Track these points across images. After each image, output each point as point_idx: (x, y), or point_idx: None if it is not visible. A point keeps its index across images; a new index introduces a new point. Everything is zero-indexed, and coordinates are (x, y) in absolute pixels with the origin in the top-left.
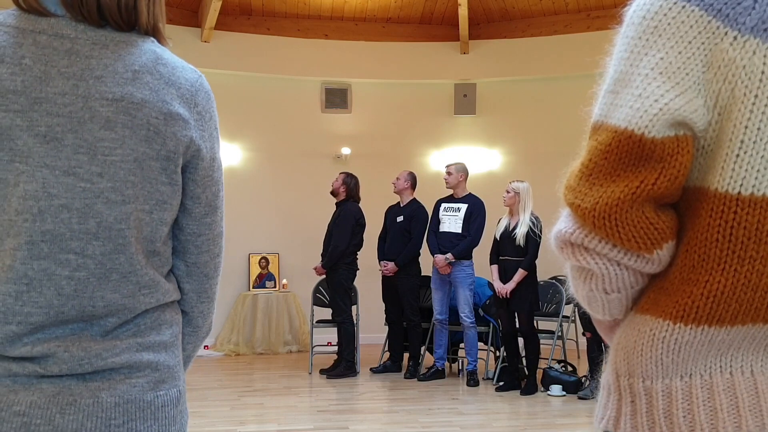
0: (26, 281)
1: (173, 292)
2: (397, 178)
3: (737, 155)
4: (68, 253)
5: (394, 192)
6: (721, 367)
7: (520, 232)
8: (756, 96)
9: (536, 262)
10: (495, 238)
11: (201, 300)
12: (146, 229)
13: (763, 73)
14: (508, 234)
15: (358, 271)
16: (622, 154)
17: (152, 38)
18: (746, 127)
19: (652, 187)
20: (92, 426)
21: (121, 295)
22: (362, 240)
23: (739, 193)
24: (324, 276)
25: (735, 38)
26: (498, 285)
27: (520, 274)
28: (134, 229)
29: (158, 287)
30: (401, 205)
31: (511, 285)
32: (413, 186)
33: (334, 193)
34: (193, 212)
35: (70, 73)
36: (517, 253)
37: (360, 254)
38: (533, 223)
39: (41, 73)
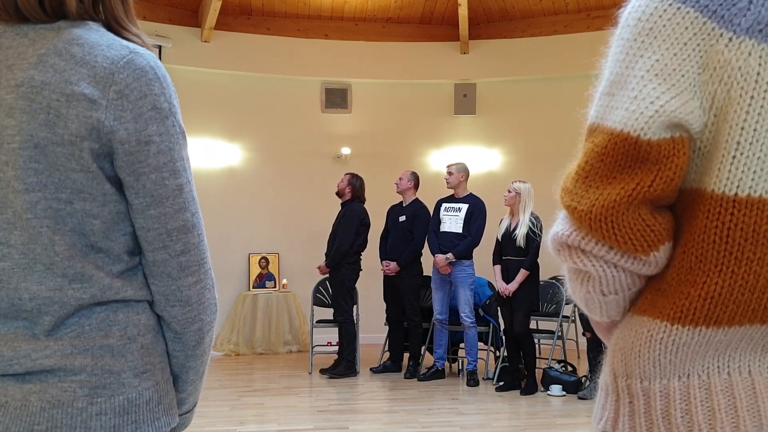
0: None
1: (125, 290)
2: (400, 178)
3: (733, 156)
4: None
5: (397, 192)
6: (718, 367)
7: (520, 233)
8: (752, 97)
9: (539, 261)
10: (497, 239)
11: (170, 303)
12: (71, 221)
13: (758, 74)
14: (509, 234)
15: (360, 272)
16: (618, 156)
17: (90, 23)
18: (742, 129)
19: (648, 189)
20: (17, 430)
21: (47, 287)
22: (366, 240)
23: (736, 194)
24: (326, 275)
25: (730, 40)
26: (501, 285)
27: (522, 274)
28: (46, 218)
29: (92, 282)
30: (404, 205)
31: (513, 285)
32: (416, 186)
33: (339, 194)
34: (134, 204)
35: None
36: (518, 253)
37: (362, 254)
38: (533, 223)
39: None
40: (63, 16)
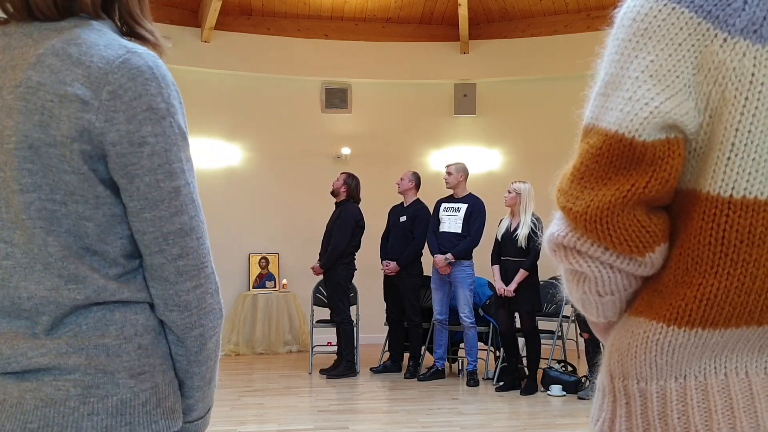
0: None
1: (120, 292)
2: (401, 179)
3: (728, 158)
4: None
5: (398, 192)
6: (715, 368)
7: (522, 233)
8: (746, 98)
9: (538, 262)
10: (496, 239)
11: (169, 308)
12: (66, 222)
13: (753, 75)
14: (509, 235)
15: (356, 272)
16: (613, 157)
17: (94, 22)
18: (737, 130)
19: (643, 190)
20: (11, 428)
21: (44, 287)
22: (360, 241)
23: (731, 195)
24: (322, 276)
25: (725, 40)
26: (499, 285)
27: (521, 274)
28: (39, 219)
29: (86, 283)
30: (404, 205)
31: (512, 285)
32: (417, 186)
33: (334, 193)
34: (129, 207)
35: (1, 67)
36: (518, 253)
37: (361, 254)
38: (534, 224)
39: None
40: (72, 13)
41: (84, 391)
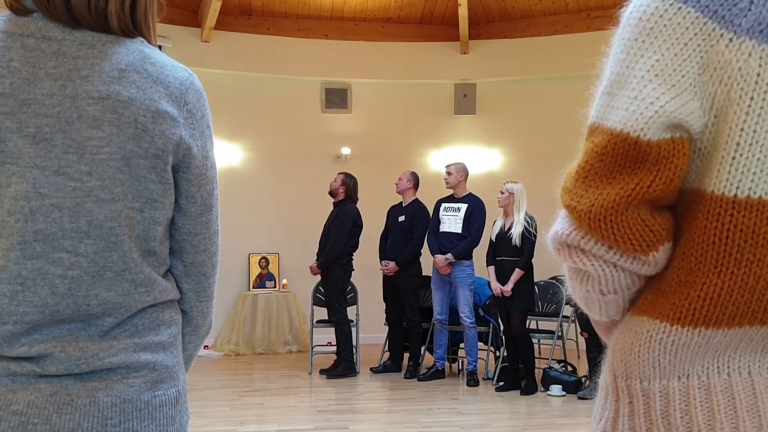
0: (20, 281)
1: (171, 291)
2: (400, 179)
3: (733, 158)
4: (61, 251)
5: (397, 192)
6: (718, 368)
7: (516, 232)
8: (752, 98)
9: (533, 262)
10: (491, 240)
11: (200, 299)
12: (138, 228)
13: (758, 75)
14: (503, 235)
15: (354, 272)
16: (618, 156)
17: (142, 39)
18: (742, 130)
19: (647, 189)
20: (89, 425)
21: (116, 293)
22: (358, 242)
23: (736, 195)
24: (320, 276)
25: (731, 40)
26: (495, 286)
27: (517, 274)
28: (125, 227)
29: (155, 285)
30: (403, 205)
31: (509, 286)
32: (416, 186)
33: (332, 193)
34: (189, 211)
35: (57, 74)
36: (513, 253)
37: (360, 254)
38: (528, 222)
39: (29, 75)
40: (107, 29)
41: (153, 385)
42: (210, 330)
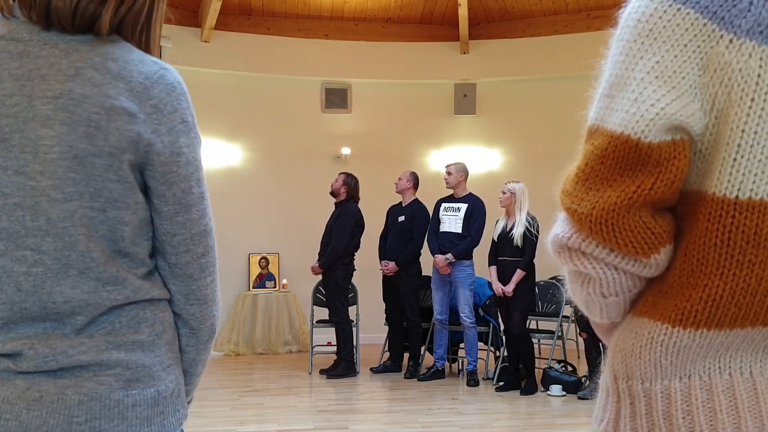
0: None
1: (152, 291)
2: (399, 179)
3: (734, 159)
4: (25, 249)
5: (397, 192)
6: (720, 368)
7: (518, 233)
8: (752, 99)
9: (535, 262)
10: (493, 240)
11: (190, 302)
12: (102, 228)
13: (759, 76)
14: (505, 235)
15: (355, 272)
16: (619, 158)
17: (117, 37)
18: (743, 131)
19: (648, 191)
20: (54, 423)
21: (81, 290)
22: (360, 242)
23: (737, 197)
24: (321, 276)
25: (731, 41)
26: (497, 286)
27: (518, 274)
28: (81, 227)
29: (125, 284)
30: (403, 205)
31: (510, 286)
32: (415, 186)
33: (333, 194)
34: (162, 211)
35: (19, 74)
36: (514, 253)
37: (360, 254)
38: (529, 223)
39: None
40: (87, 30)
41: (125, 384)
42: (213, 335)
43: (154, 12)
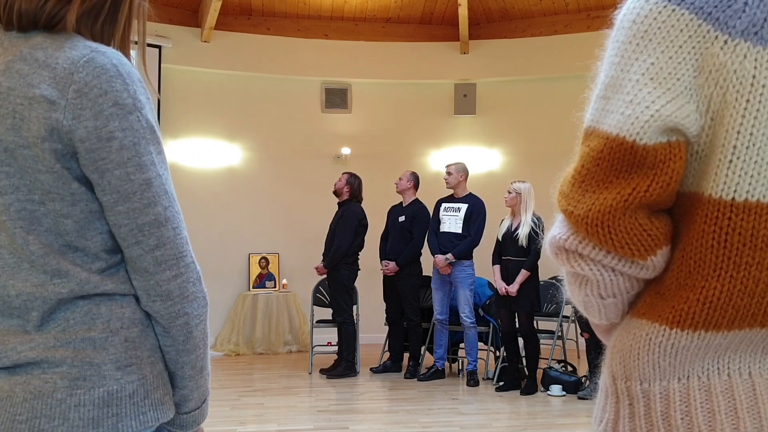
0: None
1: (103, 284)
2: (400, 179)
3: (730, 161)
4: None
5: (397, 192)
6: (718, 369)
7: (523, 233)
8: (748, 101)
9: (539, 262)
10: (497, 239)
11: (151, 299)
12: (46, 221)
13: (754, 77)
14: (510, 234)
15: (359, 272)
16: (614, 160)
17: (62, 32)
18: (738, 133)
19: (644, 193)
20: (1, 420)
21: (31, 284)
22: (364, 241)
23: (733, 199)
24: (325, 276)
25: (726, 42)
26: (500, 285)
27: (523, 274)
28: (19, 220)
29: (70, 277)
30: (403, 205)
31: (514, 286)
32: (416, 186)
33: (336, 193)
34: (103, 202)
35: None
36: (519, 253)
37: (361, 254)
38: (535, 223)
39: None
40: (42, 27)
41: (71, 383)
42: (190, 335)
43: (122, 6)
